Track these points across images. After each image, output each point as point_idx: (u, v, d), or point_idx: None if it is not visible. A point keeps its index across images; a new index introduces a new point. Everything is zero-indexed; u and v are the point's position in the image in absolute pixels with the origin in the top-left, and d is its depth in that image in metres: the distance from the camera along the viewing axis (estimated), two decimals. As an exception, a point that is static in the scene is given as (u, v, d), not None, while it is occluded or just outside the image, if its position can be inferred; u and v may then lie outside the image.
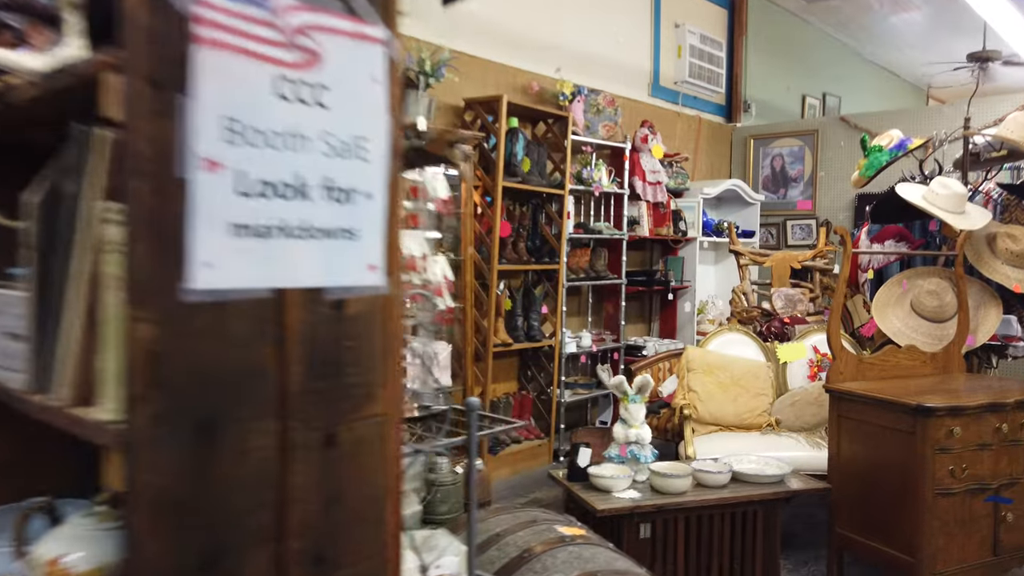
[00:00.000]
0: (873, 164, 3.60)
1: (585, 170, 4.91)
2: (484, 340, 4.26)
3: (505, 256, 4.45)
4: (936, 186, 3.30)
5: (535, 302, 4.70)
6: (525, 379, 4.93)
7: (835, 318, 2.94)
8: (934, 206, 3.23)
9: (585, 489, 2.70)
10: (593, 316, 5.51)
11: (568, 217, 4.79)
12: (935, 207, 3.22)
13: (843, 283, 2.96)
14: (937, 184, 3.31)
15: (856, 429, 2.81)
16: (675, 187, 5.76)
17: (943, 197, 3.26)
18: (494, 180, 4.20)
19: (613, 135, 5.20)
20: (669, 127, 6.33)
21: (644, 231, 5.41)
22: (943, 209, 3.25)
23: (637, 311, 6.06)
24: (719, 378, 3.62)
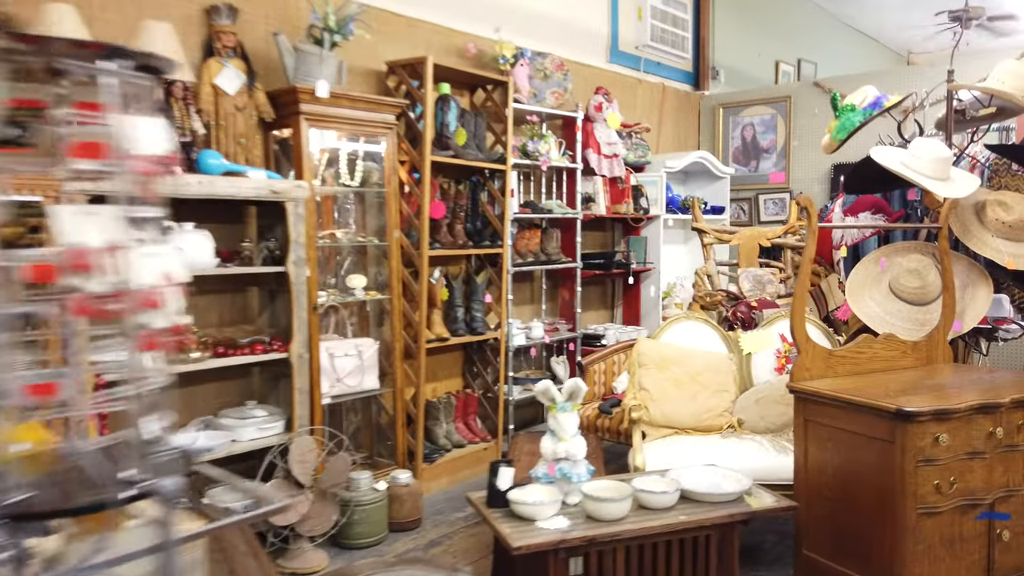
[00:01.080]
0: (845, 126, 3.17)
1: (531, 143, 4.45)
2: (416, 335, 3.82)
3: (439, 240, 3.99)
4: (916, 149, 2.89)
5: (477, 290, 4.25)
6: (471, 375, 4.49)
7: (799, 304, 2.52)
8: (914, 172, 2.82)
9: (506, 518, 2.28)
10: (548, 303, 5.08)
11: (512, 195, 4.34)
12: (915, 173, 2.81)
13: (807, 262, 2.54)
14: (917, 147, 2.90)
15: (826, 436, 2.40)
16: (635, 160, 5.32)
17: (924, 161, 2.85)
18: (421, 154, 3.73)
19: (563, 103, 4.74)
20: (629, 95, 5.88)
21: (600, 209, 4.97)
22: (924, 175, 2.83)
23: (598, 297, 5.64)
24: (674, 374, 3.20)
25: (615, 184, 5.15)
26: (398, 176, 3.71)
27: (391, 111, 3.60)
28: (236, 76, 3.14)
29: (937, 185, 2.81)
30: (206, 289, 3.21)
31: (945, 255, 2.80)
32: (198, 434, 3.03)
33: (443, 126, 3.95)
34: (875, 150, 2.98)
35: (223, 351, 3.01)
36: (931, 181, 2.82)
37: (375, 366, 3.69)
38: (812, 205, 2.57)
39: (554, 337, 4.73)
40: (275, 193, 3.03)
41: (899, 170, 2.85)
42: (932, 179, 2.84)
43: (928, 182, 2.81)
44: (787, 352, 3.35)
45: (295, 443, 2.91)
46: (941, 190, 2.78)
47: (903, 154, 2.94)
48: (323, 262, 3.63)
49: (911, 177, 2.82)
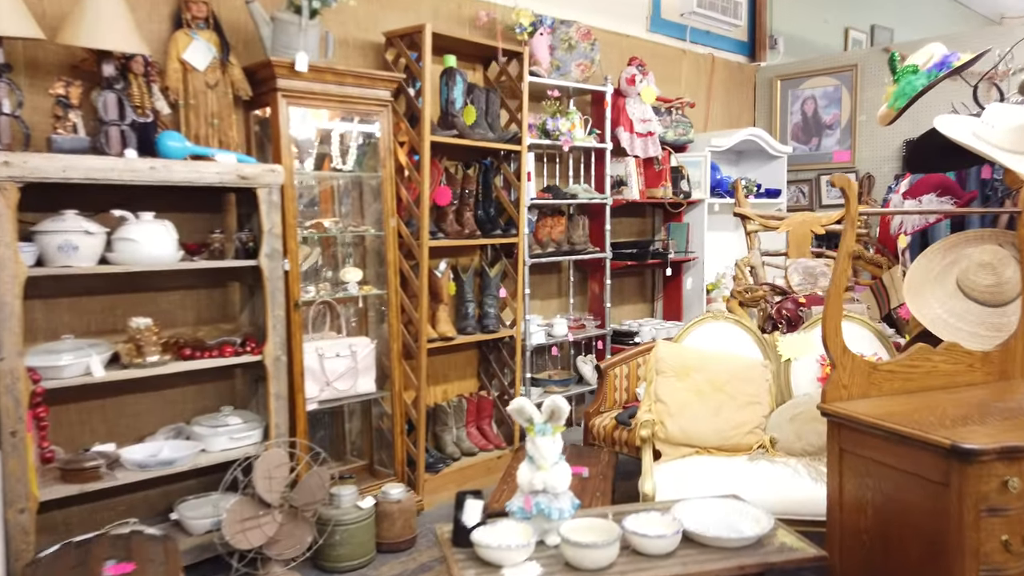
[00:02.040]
0: (905, 91, 2.68)
1: (551, 120, 4.07)
2: (417, 333, 3.51)
3: (444, 229, 3.67)
4: (991, 117, 2.39)
5: (490, 284, 3.92)
6: (487, 376, 4.17)
7: (832, 306, 2.08)
8: (987, 144, 2.33)
9: (470, 560, 1.95)
10: (576, 298, 4.70)
11: (529, 179, 3.98)
12: (988, 145, 2.32)
13: (845, 256, 2.09)
14: (992, 114, 2.40)
15: (865, 470, 1.97)
16: (675, 139, 4.86)
17: (1001, 131, 2.35)
18: (420, 134, 3.41)
19: (591, 76, 4.33)
20: (672, 68, 5.41)
21: (633, 193, 4.54)
22: (1000, 148, 2.34)
23: (635, 289, 5.22)
24: (696, 383, 2.80)
25: (651, 165, 4.71)
26: (394, 159, 3.40)
27: (386, 87, 3.28)
28: (206, 50, 2.88)
29: (1017, 160, 2.31)
30: (174, 285, 2.98)
31: None
32: (163, 444, 2.82)
33: (448, 103, 3.62)
34: (940, 119, 2.49)
35: (190, 353, 2.78)
36: (1009, 155, 2.32)
37: (371, 368, 3.41)
38: (851, 186, 2.11)
39: (580, 335, 4.35)
40: (244, 179, 2.77)
41: (968, 142, 2.36)
42: (1011, 152, 2.34)
43: (1005, 156, 2.31)
44: (833, 359, 2.89)
45: (262, 457, 2.65)
46: (1017, 164, 2.28)
47: (975, 123, 2.44)
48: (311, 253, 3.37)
49: (982, 150, 2.33)
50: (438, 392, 4.01)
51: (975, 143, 2.37)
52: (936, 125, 2.47)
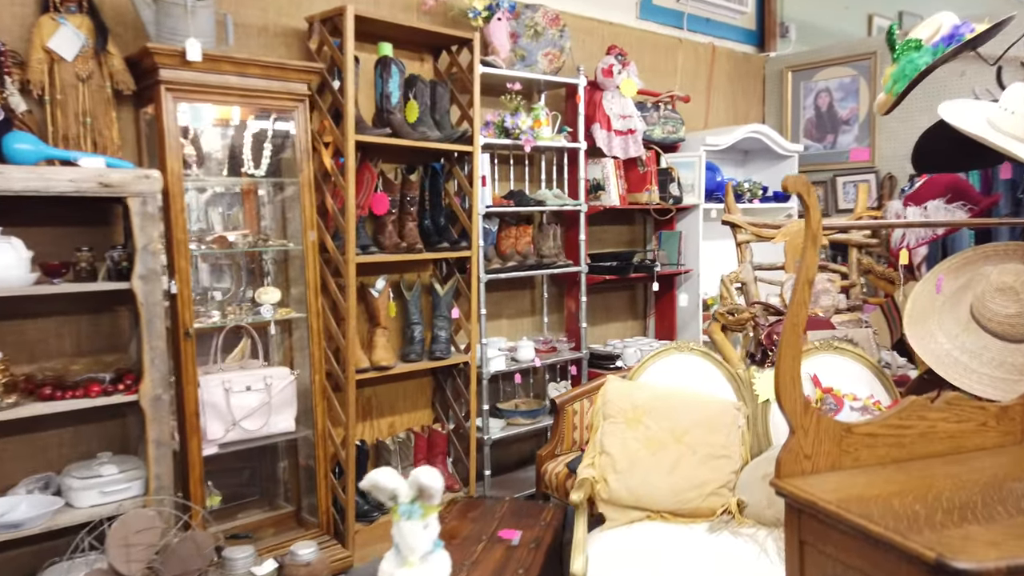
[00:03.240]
0: (905, 71, 2.18)
1: (509, 117, 3.62)
2: (344, 363, 3.09)
3: (382, 243, 3.25)
4: (1011, 100, 1.89)
5: (441, 304, 3.48)
6: (442, 408, 3.73)
7: (788, 350, 1.59)
8: (1005, 134, 1.83)
9: None
10: (553, 316, 4.24)
11: (484, 183, 3.54)
12: (1006, 136, 1.82)
13: (803, 285, 1.59)
14: (1012, 97, 1.89)
15: (832, 572, 1.49)
16: (663, 137, 4.38)
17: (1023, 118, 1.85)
18: (344, 133, 2.98)
19: (561, 67, 3.88)
20: (666, 59, 4.93)
21: (612, 198, 4.07)
22: (1021, 139, 1.84)
23: (625, 305, 4.74)
24: (650, 431, 2.32)
25: (634, 167, 4.23)
26: (313, 162, 2.99)
27: (301, 79, 2.87)
28: (75, 37, 2.50)
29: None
30: (42, 311, 2.59)
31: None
32: (22, 499, 2.43)
33: (384, 98, 3.20)
34: (946, 106, 1.99)
35: (49, 393, 2.39)
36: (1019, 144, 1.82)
37: (290, 403, 3.00)
38: (807, 190, 1.60)
39: (551, 359, 3.89)
40: (107, 187, 2.37)
41: (977, 132, 1.86)
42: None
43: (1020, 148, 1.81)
44: (820, 400, 2.40)
45: (119, 520, 2.25)
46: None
47: (990, 109, 1.94)
48: (217, 272, 2.97)
49: (997, 142, 1.83)
50: (384, 426, 3.59)
51: (987, 133, 1.87)
52: (941, 113, 1.97)
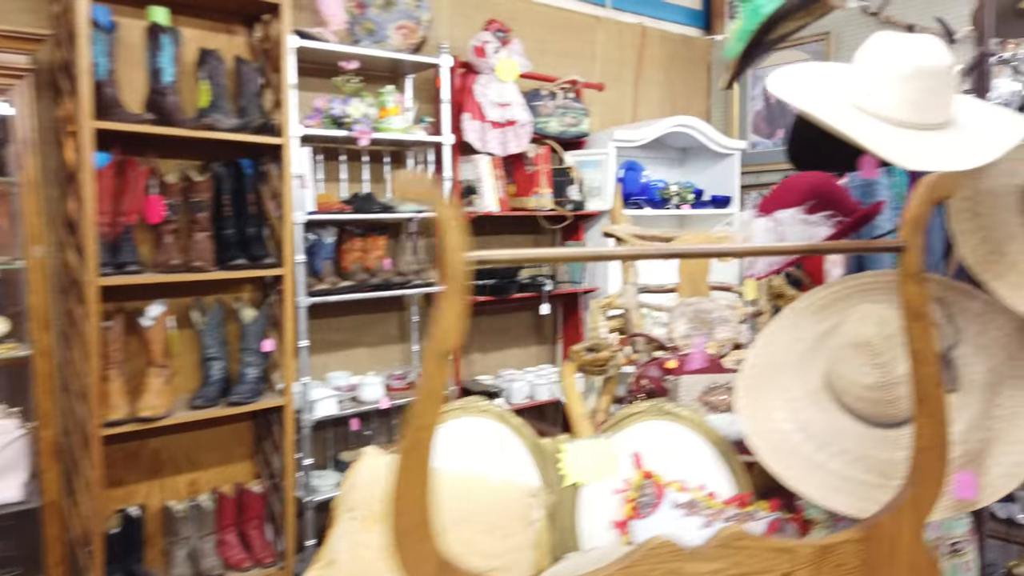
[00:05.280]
0: (746, 27, 1.55)
1: (338, 103, 2.99)
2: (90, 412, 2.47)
3: (161, 260, 2.64)
4: (874, 58, 1.25)
5: (248, 335, 2.86)
6: (263, 462, 3.11)
7: (408, 458, 0.93)
8: (868, 114, 1.19)
9: None
10: (425, 343, 3.62)
11: (304, 185, 2.92)
12: (870, 116, 1.19)
13: (437, 355, 0.94)
14: (875, 53, 1.25)
15: None
16: (560, 131, 3.74)
17: (896, 91, 1.21)
18: (78, 119, 2.37)
19: (419, 45, 3.26)
20: (582, 41, 4.29)
21: (489, 203, 3.43)
22: (881, 116, 1.20)
23: (530, 329, 4.10)
24: (401, 532, 1.69)
25: (520, 167, 3.60)
26: (51, 156, 2.38)
27: (21, 47, 2.27)
28: None
29: (903, 142, 1.16)
30: None
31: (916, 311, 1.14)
32: None
33: (153, 76, 2.59)
34: (777, 76, 1.34)
35: None
36: (890, 132, 1.18)
37: (18, 464, 2.39)
38: (435, 197, 0.94)
39: (402, 398, 3.25)
40: None
41: (819, 116, 1.22)
42: (899, 126, 1.19)
43: (879, 134, 1.17)
44: (639, 488, 1.75)
45: None
46: (909, 155, 1.13)
47: (841, 72, 1.30)
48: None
49: (834, 125, 1.19)
50: (182, 485, 2.97)
51: (834, 116, 1.22)
52: (769, 85, 1.33)
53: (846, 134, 1.19)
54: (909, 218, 1.11)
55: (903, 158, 1.13)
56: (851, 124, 1.19)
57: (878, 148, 1.15)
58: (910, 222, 1.11)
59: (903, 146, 1.15)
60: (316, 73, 3.09)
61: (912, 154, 1.14)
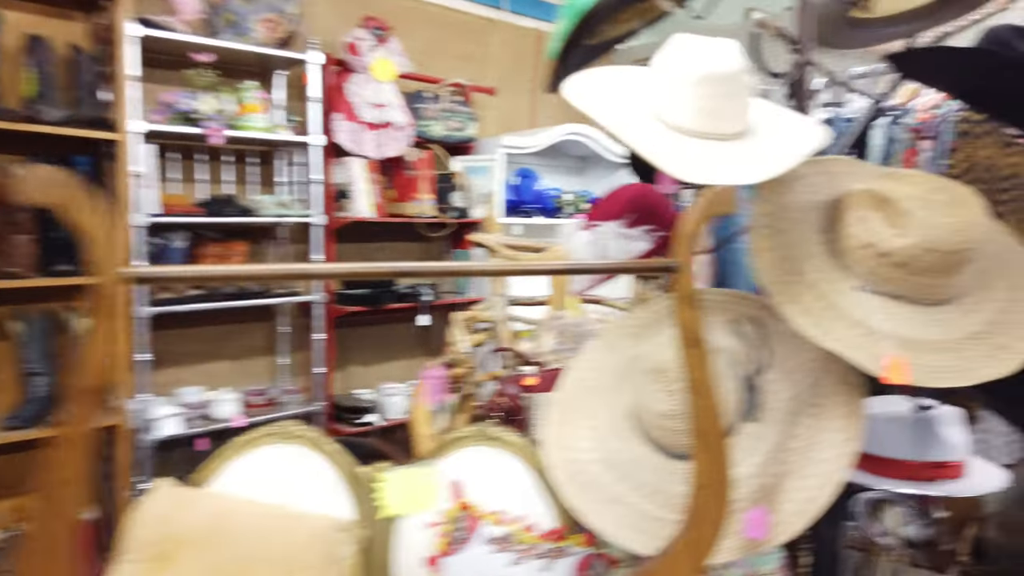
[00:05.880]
0: (565, 26, 1.45)
1: (185, 98, 2.80)
2: None
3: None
4: (674, 68, 1.16)
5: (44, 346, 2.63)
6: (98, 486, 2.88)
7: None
8: (657, 121, 1.11)
9: None
10: (300, 355, 3.43)
11: (145, 185, 2.71)
12: (656, 123, 1.10)
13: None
14: (675, 63, 1.16)
15: None
16: (444, 135, 3.62)
17: (685, 98, 1.12)
18: None
19: (286, 39, 3.09)
20: (475, 43, 4.19)
21: (363, 208, 3.28)
22: (680, 128, 1.11)
23: (418, 340, 3.96)
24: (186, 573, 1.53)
25: (401, 171, 3.47)
26: None
27: None
28: None
29: (685, 153, 1.07)
30: None
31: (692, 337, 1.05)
32: None
33: (-37, 62, 2.36)
34: (579, 77, 1.25)
35: None
36: (674, 142, 1.09)
37: None
38: None
39: (269, 414, 3.07)
40: None
41: (598, 118, 1.12)
42: (690, 136, 1.11)
43: (660, 144, 1.08)
44: (454, 520, 1.63)
45: None
46: (687, 167, 1.04)
47: (641, 78, 1.21)
48: None
49: (617, 133, 1.10)
50: (5, 512, 2.71)
51: (619, 124, 1.13)
52: (564, 89, 1.23)
53: (628, 143, 1.09)
54: (681, 236, 1.02)
55: (680, 169, 1.04)
56: (633, 133, 1.09)
57: (656, 158, 1.06)
58: (682, 240, 1.02)
59: (683, 157, 1.07)
60: (168, 65, 2.89)
61: (691, 166, 1.05)
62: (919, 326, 1.10)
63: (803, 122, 1.24)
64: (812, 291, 1.16)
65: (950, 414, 1.54)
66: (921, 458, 1.50)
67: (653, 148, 1.06)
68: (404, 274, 1.05)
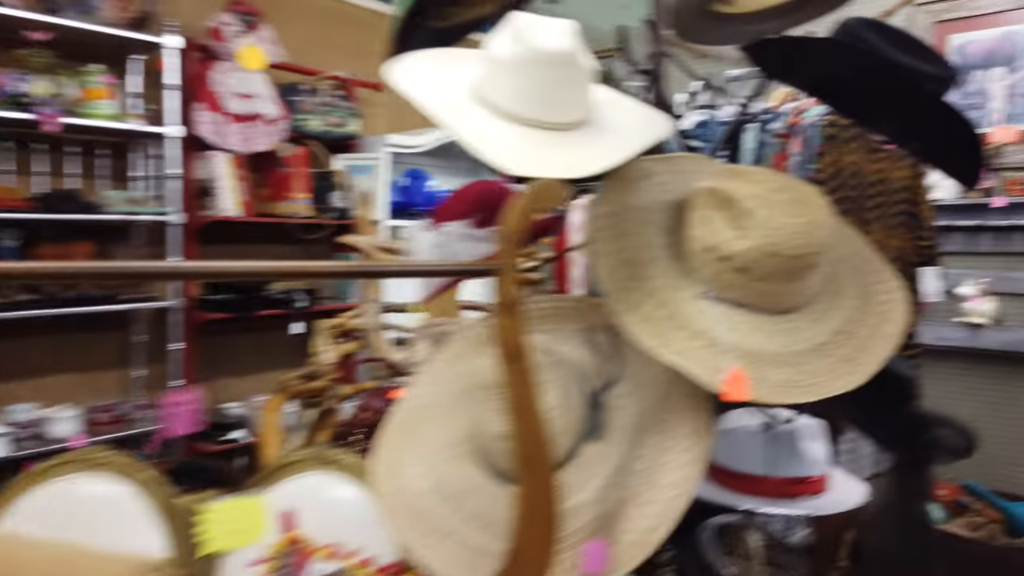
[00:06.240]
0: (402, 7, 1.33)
1: (16, 80, 2.52)
2: None
3: None
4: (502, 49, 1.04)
5: None
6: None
7: None
8: (486, 107, 0.99)
9: None
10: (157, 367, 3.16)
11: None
12: (485, 109, 0.99)
13: None
14: (503, 44, 1.04)
15: None
16: (323, 131, 3.44)
17: (511, 82, 1.01)
18: None
19: (140, 20, 2.85)
20: (365, 39, 4.01)
21: (228, 206, 3.06)
22: (510, 114, 1.00)
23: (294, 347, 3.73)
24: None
25: (272, 168, 3.26)
26: None
27: None
28: None
29: (508, 141, 0.97)
30: None
31: (512, 351, 0.93)
32: None
33: None
34: (409, 59, 1.12)
35: None
36: (499, 129, 0.98)
37: None
38: None
39: (113, 433, 2.80)
40: None
41: (423, 103, 0.99)
42: (521, 124, 0.99)
43: (482, 131, 0.97)
44: (283, 556, 1.47)
45: None
46: (508, 156, 0.93)
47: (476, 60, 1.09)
48: None
49: (442, 119, 0.98)
50: None
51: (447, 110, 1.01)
52: (387, 70, 1.09)
53: (448, 128, 0.97)
54: (503, 235, 0.90)
55: (501, 159, 0.92)
56: (453, 117, 0.97)
57: (476, 146, 0.93)
58: (504, 240, 0.90)
59: (505, 146, 0.95)
60: None
61: (513, 156, 0.94)
62: (763, 337, 1.02)
63: (647, 113, 1.15)
64: (653, 298, 1.06)
65: (811, 426, 1.49)
66: (781, 473, 1.44)
67: (472, 135, 0.94)
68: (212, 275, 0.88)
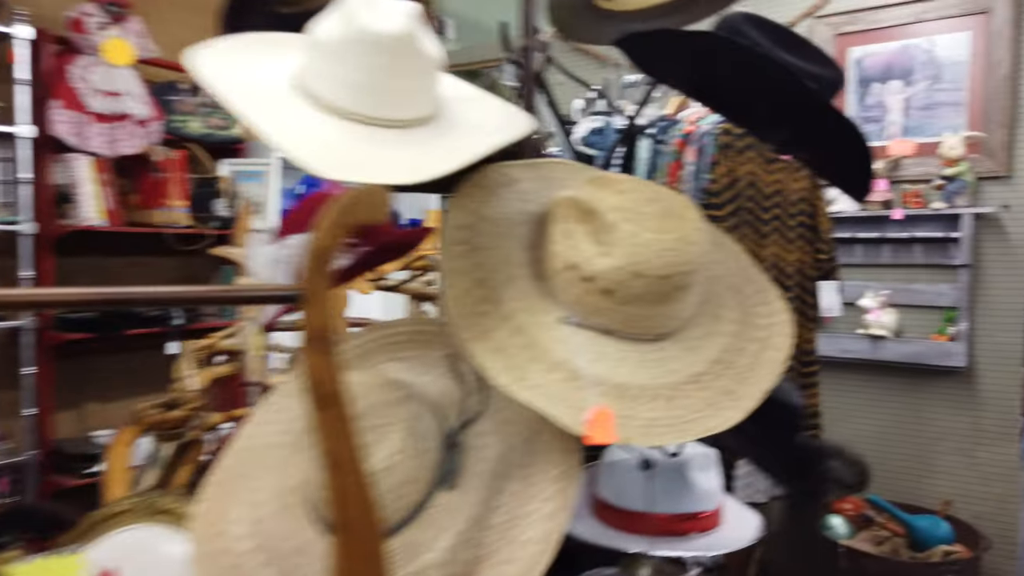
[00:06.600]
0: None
1: None
2: None
3: None
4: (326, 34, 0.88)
5: None
6: None
7: None
8: (309, 100, 0.84)
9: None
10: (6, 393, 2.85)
11: None
12: (308, 102, 0.83)
13: None
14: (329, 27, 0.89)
15: None
16: (205, 133, 3.19)
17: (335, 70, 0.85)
18: None
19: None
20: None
21: (90, 214, 2.79)
22: (338, 110, 0.84)
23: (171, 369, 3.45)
24: None
25: (144, 173, 3.00)
26: None
27: None
28: None
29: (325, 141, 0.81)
30: None
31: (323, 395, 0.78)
32: None
33: None
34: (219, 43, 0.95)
35: None
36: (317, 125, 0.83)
37: None
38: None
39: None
40: None
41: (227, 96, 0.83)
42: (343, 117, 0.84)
43: (291, 129, 0.81)
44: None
45: None
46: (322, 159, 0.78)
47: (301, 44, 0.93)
48: None
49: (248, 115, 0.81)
50: None
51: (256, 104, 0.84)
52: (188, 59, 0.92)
53: (253, 124, 0.80)
54: (311, 255, 0.74)
55: (313, 161, 0.77)
56: (259, 111, 0.81)
57: (283, 146, 0.78)
58: (311, 261, 0.74)
59: (320, 145, 0.80)
60: None
61: (328, 157, 0.78)
62: (632, 368, 0.90)
63: (509, 111, 1.02)
64: (509, 324, 0.92)
65: (703, 457, 1.38)
66: (667, 510, 1.32)
67: (276, 130, 0.78)
68: None
